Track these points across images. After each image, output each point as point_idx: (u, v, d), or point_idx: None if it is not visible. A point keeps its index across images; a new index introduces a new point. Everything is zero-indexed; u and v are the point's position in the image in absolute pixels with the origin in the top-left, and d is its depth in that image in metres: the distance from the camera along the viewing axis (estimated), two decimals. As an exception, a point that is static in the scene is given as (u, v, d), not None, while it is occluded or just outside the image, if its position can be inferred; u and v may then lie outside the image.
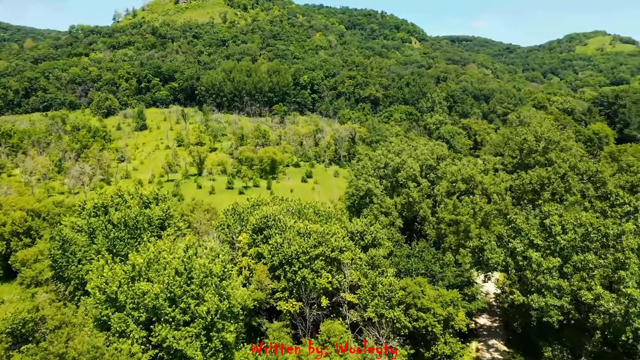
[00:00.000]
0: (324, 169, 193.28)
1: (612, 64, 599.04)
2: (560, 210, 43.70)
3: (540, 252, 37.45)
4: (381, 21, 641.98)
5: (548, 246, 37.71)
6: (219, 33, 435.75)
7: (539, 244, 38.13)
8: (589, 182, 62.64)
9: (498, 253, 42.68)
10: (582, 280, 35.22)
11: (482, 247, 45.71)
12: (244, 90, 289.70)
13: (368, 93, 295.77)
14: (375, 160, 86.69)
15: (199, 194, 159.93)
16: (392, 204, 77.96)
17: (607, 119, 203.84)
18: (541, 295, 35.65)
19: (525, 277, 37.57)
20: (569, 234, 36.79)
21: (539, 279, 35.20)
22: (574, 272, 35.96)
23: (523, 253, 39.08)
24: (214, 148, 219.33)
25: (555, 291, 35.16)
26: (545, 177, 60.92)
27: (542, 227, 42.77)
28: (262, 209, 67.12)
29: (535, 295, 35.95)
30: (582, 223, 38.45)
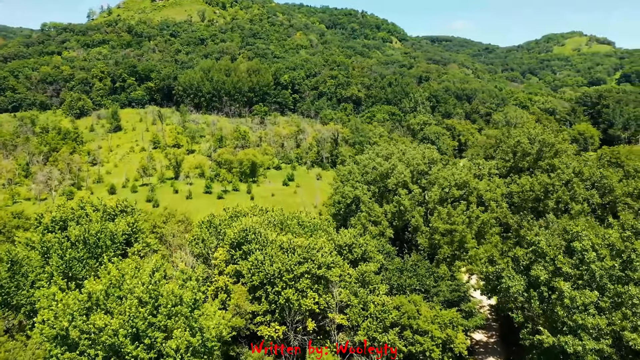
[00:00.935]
0: (306, 171, 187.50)
1: (589, 64, 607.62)
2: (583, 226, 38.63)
3: (570, 282, 32.45)
4: (362, 21, 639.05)
5: (580, 275, 32.70)
6: (197, 32, 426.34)
7: (568, 272, 33.09)
8: (593, 188, 58.23)
9: (517, 280, 37.42)
10: (625, 318, 30.31)
11: (499, 273, 40.40)
12: (222, 90, 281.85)
13: (350, 93, 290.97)
14: (362, 165, 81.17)
15: (175, 199, 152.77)
16: (381, 212, 72.56)
17: (590, 119, 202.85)
18: (576, 337, 30.56)
19: (553, 312, 32.44)
20: (607, 260, 31.87)
21: (576, 318, 30.07)
22: (613, 308, 31.04)
23: (549, 282, 34.04)
24: (192, 150, 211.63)
25: (593, 331, 30.16)
26: (549, 184, 56.20)
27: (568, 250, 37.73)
28: (241, 220, 61.01)
29: (569, 337, 30.83)
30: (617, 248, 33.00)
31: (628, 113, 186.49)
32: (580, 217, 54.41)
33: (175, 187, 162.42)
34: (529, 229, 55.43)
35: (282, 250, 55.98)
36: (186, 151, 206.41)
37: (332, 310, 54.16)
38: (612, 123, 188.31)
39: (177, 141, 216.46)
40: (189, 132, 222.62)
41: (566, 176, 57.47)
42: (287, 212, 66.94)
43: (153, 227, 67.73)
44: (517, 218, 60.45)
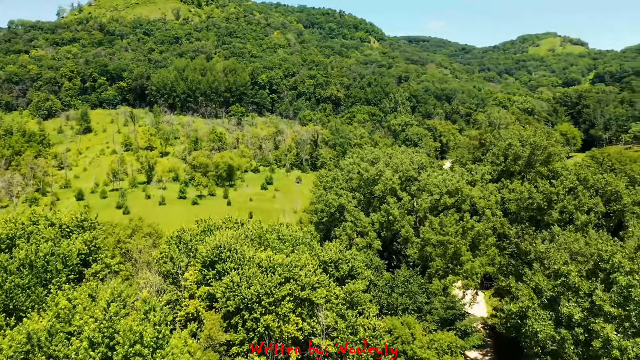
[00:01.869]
0: (285, 174, 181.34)
1: (564, 65, 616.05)
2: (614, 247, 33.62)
3: (613, 324, 27.64)
4: (340, 20, 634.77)
5: (627, 316, 27.78)
6: (172, 30, 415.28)
7: (611, 312, 28.16)
8: (596, 195, 53.97)
9: (545, 321, 32.12)
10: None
11: (524, 312, 35.23)
12: (198, 90, 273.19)
13: (329, 93, 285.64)
14: (346, 170, 75.66)
15: (147, 205, 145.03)
16: (368, 222, 67.16)
17: (571, 119, 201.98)
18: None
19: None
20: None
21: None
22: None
23: (586, 324, 28.95)
24: (166, 152, 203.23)
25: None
26: (553, 193, 51.63)
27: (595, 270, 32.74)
28: (215, 235, 54.82)
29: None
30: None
31: (609, 113, 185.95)
32: (587, 228, 49.88)
33: (148, 192, 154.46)
34: (530, 242, 50.69)
35: (260, 270, 50.08)
36: (159, 154, 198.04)
37: (318, 336, 48.48)
38: (593, 123, 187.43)
39: (150, 143, 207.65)
40: (163, 134, 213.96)
41: (569, 183, 53.02)
42: (265, 224, 61.06)
43: (117, 242, 60.93)
44: (517, 229, 55.70)
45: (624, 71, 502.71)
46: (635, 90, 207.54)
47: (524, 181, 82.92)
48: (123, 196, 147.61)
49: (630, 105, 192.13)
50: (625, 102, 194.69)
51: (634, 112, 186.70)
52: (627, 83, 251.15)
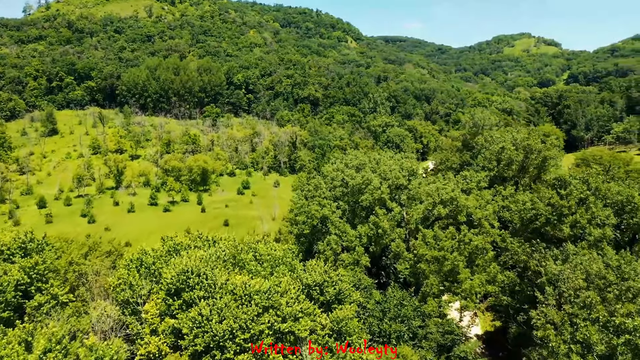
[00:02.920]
0: (262, 177, 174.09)
1: (538, 65, 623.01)
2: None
3: None
4: (317, 20, 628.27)
5: None
6: (144, 28, 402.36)
7: None
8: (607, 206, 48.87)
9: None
10: None
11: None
12: (171, 90, 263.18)
13: (307, 93, 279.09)
14: (329, 177, 69.22)
15: (115, 212, 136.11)
16: (355, 235, 60.93)
17: (552, 119, 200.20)
18: None
19: None
20: None
21: None
22: None
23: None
24: (137, 155, 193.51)
25: None
26: (564, 206, 46.22)
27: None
28: (182, 256, 47.73)
29: None
30: None
31: (590, 114, 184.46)
32: (601, 244, 44.57)
33: (116, 198, 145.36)
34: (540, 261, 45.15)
35: (234, 298, 43.30)
36: (130, 157, 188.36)
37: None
38: (575, 124, 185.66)
39: (120, 146, 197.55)
40: (133, 136, 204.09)
41: (578, 193, 47.74)
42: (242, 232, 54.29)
43: (69, 263, 53.18)
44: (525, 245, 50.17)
45: (597, 71, 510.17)
46: (614, 90, 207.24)
47: (518, 187, 78.09)
48: (89, 203, 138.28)
49: (611, 106, 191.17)
50: (605, 102, 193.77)
51: (615, 113, 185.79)
52: (606, 83, 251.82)
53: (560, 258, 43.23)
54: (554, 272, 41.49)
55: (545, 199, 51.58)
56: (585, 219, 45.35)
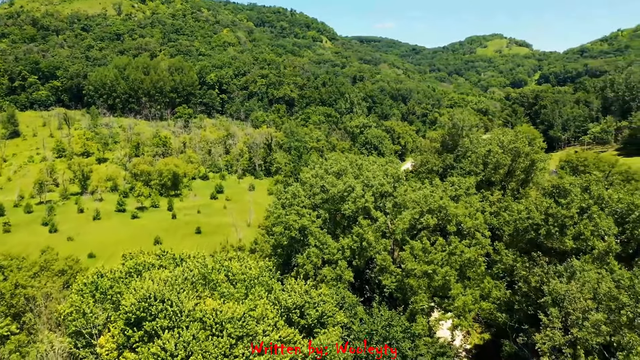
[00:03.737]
0: (237, 181, 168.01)
1: (511, 66, 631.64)
2: None
3: None
4: (291, 19, 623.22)
5: None
6: (113, 26, 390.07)
7: None
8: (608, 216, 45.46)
9: None
10: None
11: None
12: (141, 90, 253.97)
13: (282, 93, 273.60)
14: (308, 184, 64.30)
15: (79, 220, 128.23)
16: (337, 248, 56.17)
17: (529, 120, 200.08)
18: None
19: None
20: None
21: None
22: None
23: None
24: (104, 159, 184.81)
25: None
26: (566, 216, 42.49)
27: None
28: (144, 278, 42.11)
29: None
30: None
31: (566, 114, 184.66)
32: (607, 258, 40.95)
33: (81, 204, 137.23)
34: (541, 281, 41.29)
35: (204, 327, 38.07)
36: (96, 160, 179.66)
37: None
38: (552, 124, 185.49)
39: (86, 148, 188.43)
40: (101, 138, 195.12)
41: (579, 202, 44.12)
42: (211, 258, 48.80)
43: (15, 286, 46.84)
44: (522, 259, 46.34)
45: (568, 72, 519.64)
46: (589, 90, 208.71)
47: (506, 192, 74.74)
48: (51, 211, 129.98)
49: (586, 106, 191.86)
50: (580, 103, 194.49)
51: (591, 113, 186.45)
52: (581, 83, 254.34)
53: (565, 275, 39.36)
54: (560, 291, 37.57)
55: (542, 207, 47.82)
56: (589, 231, 41.76)
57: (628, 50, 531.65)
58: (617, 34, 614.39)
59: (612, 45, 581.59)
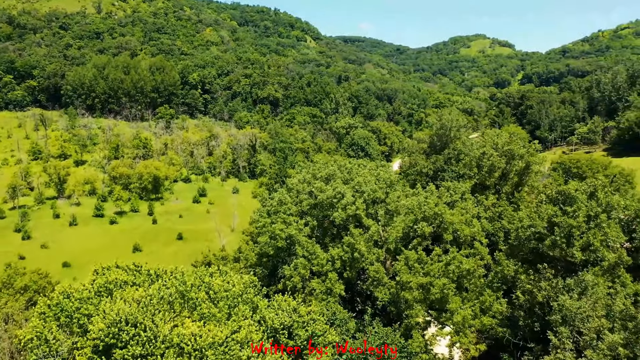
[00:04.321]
0: (220, 183, 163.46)
1: (494, 66, 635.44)
2: None
3: None
4: (275, 19, 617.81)
5: None
6: (92, 24, 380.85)
7: None
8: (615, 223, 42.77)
9: None
10: None
11: None
12: (121, 90, 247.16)
13: (267, 93, 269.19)
14: (295, 190, 60.73)
15: (54, 226, 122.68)
16: (326, 258, 52.71)
17: (516, 120, 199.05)
18: None
19: None
20: None
21: None
22: None
23: None
24: (82, 161, 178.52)
25: None
26: (575, 226, 39.58)
27: None
28: (115, 298, 38.03)
29: None
30: None
31: (553, 114, 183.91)
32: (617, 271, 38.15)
33: (57, 210, 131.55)
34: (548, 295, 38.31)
35: (181, 353, 34.23)
36: (74, 163, 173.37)
37: None
38: (538, 124, 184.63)
39: (63, 150, 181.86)
40: (79, 140, 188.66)
41: (586, 210, 41.28)
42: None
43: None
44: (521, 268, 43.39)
45: (550, 72, 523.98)
46: (574, 90, 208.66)
47: (501, 196, 71.99)
48: (25, 216, 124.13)
49: (572, 106, 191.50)
50: (566, 103, 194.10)
51: (577, 113, 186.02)
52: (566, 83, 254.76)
53: (576, 290, 36.38)
54: (571, 308, 34.53)
55: (546, 215, 44.91)
56: (598, 241, 38.94)
57: (609, 50, 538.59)
58: (598, 35, 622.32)
59: (593, 46, 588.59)
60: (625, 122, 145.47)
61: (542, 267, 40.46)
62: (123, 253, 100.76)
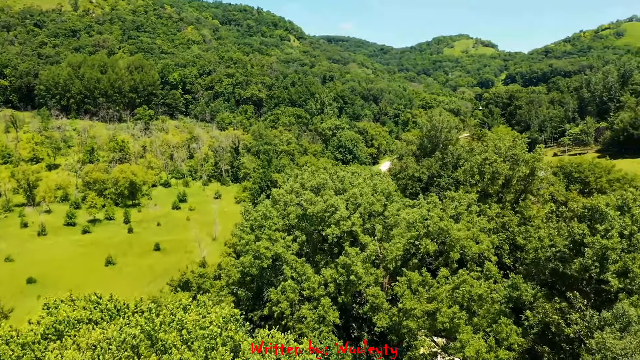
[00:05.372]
0: (201, 188, 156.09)
1: (478, 66, 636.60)
2: None
3: None
4: (258, 17, 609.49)
5: None
6: (69, 22, 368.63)
7: None
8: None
9: None
10: None
11: None
12: (97, 90, 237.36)
13: (250, 93, 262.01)
14: (282, 202, 54.41)
15: (22, 236, 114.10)
16: (318, 281, 46.52)
17: (506, 121, 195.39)
18: None
19: None
20: None
21: None
22: None
23: None
24: (55, 165, 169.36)
25: None
26: (609, 248, 34.16)
27: None
28: (66, 343, 31.41)
29: None
30: None
31: (543, 114, 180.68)
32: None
33: (25, 218, 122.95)
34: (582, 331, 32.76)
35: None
36: (46, 167, 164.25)
37: None
38: (528, 125, 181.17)
39: (35, 154, 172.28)
40: (52, 142, 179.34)
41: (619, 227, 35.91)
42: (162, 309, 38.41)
43: None
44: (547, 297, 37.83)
45: (533, 72, 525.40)
46: (562, 90, 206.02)
47: (505, 205, 66.72)
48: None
49: (561, 106, 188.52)
50: (555, 103, 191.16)
51: (567, 113, 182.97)
52: (554, 83, 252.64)
53: (617, 325, 30.80)
54: (614, 349, 28.92)
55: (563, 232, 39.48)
56: (637, 266, 33.59)
57: (591, 50, 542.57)
58: (580, 35, 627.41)
59: (575, 46, 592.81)
60: (620, 123, 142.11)
61: (572, 295, 34.90)
62: (95, 267, 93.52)
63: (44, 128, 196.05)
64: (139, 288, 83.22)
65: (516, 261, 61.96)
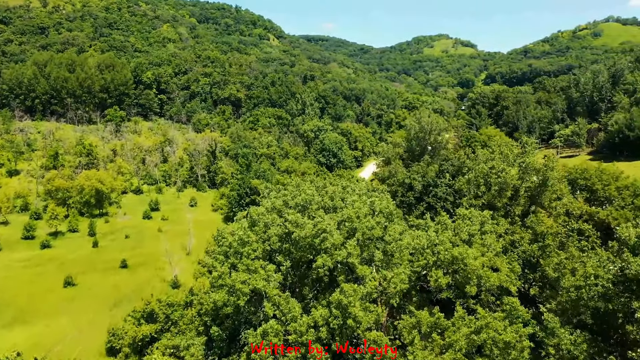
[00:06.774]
0: (176, 195, 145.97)
1: (458, 66, 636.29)
2: None
3: None
4: (236, 16, 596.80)
5: None
6: (37, 19, 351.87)
7: None
8: None
9: None
10: None
11: None
12: (64, 90, 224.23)
13: (228, 93, 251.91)
14: (262, 223, 45.97)
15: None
16: (307, 323, 38.22)
17: (493, 122, 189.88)
18: None
19: None
20: None
21: None
22: None
23: None
24: (17, 171, 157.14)
25: None
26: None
27: None
28: None
29: None
30: None
31: (531, 115, 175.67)
32: None
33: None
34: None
35: None
36: (6, 173, 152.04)
37: None
38: (517, 126, 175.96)
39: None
40: (13, 146, 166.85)
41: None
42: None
43: None
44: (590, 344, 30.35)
45: (513, 72, 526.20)
46: (549, 90, 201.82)
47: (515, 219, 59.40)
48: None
49: (549, 106, 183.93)
50: (542, 103, 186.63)
51: (555, 114, 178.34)
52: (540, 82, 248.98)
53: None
54: None
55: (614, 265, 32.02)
56: None
57: (569, 50, 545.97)
58: (558, 35, 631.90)
59: (553, 46, 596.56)
60: (614, 125, 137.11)
61: (636, 355, 27.44)
62: (52, 287, 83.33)
63: (5, 131, 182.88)
64: (100, 312, 73.59)
65: (529, 283, 54.79)
